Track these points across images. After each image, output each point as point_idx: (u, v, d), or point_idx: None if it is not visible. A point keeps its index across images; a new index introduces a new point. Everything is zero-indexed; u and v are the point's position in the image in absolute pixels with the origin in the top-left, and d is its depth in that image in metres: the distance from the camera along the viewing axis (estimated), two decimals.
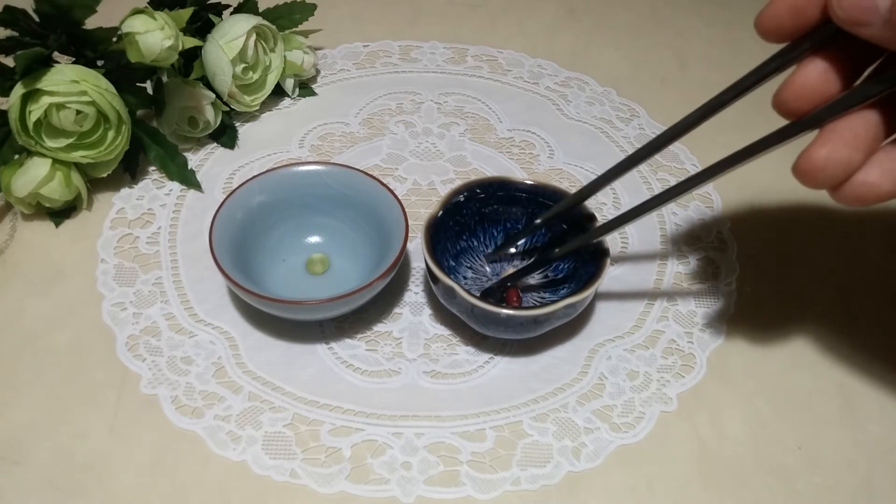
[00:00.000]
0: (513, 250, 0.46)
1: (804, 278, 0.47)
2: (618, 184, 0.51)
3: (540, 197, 0.44)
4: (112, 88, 0.45)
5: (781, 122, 0.30)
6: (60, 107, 0.43)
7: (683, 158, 0.54)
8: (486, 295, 0.43)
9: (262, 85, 0.54)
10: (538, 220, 0.42)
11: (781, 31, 0.29)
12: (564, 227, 0.44)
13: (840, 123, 0.28)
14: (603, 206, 0.50)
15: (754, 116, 0.35)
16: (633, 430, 0.39)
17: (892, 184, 0.28)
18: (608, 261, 0.40)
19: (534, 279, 0.45)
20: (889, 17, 0.25)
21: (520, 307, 0.39)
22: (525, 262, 0.45)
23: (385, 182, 0.43)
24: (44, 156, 0.45)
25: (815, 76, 0.28)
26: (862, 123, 0.28)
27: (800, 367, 0.42)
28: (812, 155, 0.28)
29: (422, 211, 0.49)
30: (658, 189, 0.52)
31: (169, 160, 0.50)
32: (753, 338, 0.43)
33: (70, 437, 0.37)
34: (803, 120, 0.29)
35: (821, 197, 0.51)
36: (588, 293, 0.38)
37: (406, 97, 0.58)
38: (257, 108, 0.55)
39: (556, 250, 0.41)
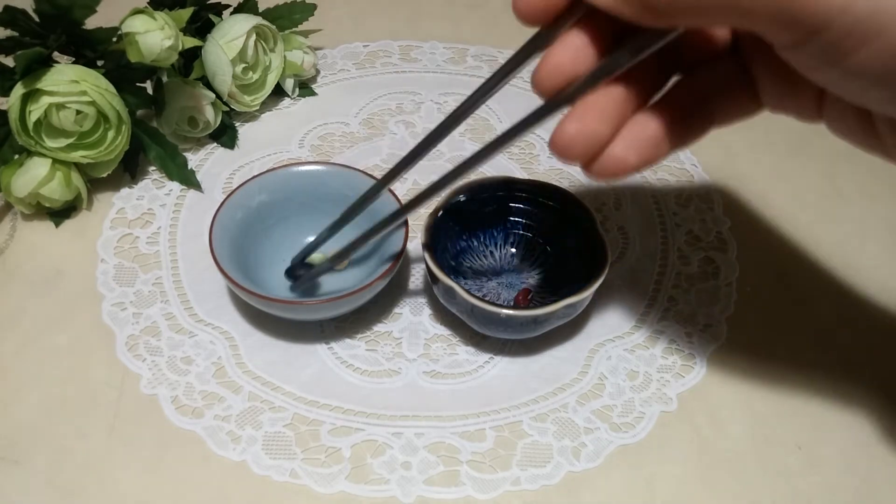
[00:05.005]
0: (513, 251, 0.46)
1: (804, 278, 0.47)
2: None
3: (540, 197, 0.44)
4: (112, 88, 0.45)
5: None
6: (60, 107, 0.43)
7: (683, 158, 0.54)
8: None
9: (262, 85, 0.54)
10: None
11: (537, 12, 0.29)
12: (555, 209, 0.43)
13: (591, 98, 0.28)
14: (603, 207, 0.50)
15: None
16: (633, 429, 0.39)
17: (637, 156, 0.28)
18: (608, 261, 0.40)
19: (533, 279, 0.45)
20: None
21: (521, 307, 0.39)
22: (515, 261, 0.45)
23: None
24: (44, 156, 0.45)
25: (567, 53, 0.28)
26: (610, 97, 0.28)
27: (800, 367, 0.42)
28: (563, 130, 0.28)
29: (422, 211, 0.49)
30: (658, 189, 0.52)
31: (169, 160, 0.50)
32: (753, 338, 0.43)
33: (70, 437, 0.37)
34: (560, 98, 0.29)
35: (821, 196, 0.52)
36: (588, 293, 0.38)
37: (406, 97, 0.58)
38: (257, 108, 0.55)
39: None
